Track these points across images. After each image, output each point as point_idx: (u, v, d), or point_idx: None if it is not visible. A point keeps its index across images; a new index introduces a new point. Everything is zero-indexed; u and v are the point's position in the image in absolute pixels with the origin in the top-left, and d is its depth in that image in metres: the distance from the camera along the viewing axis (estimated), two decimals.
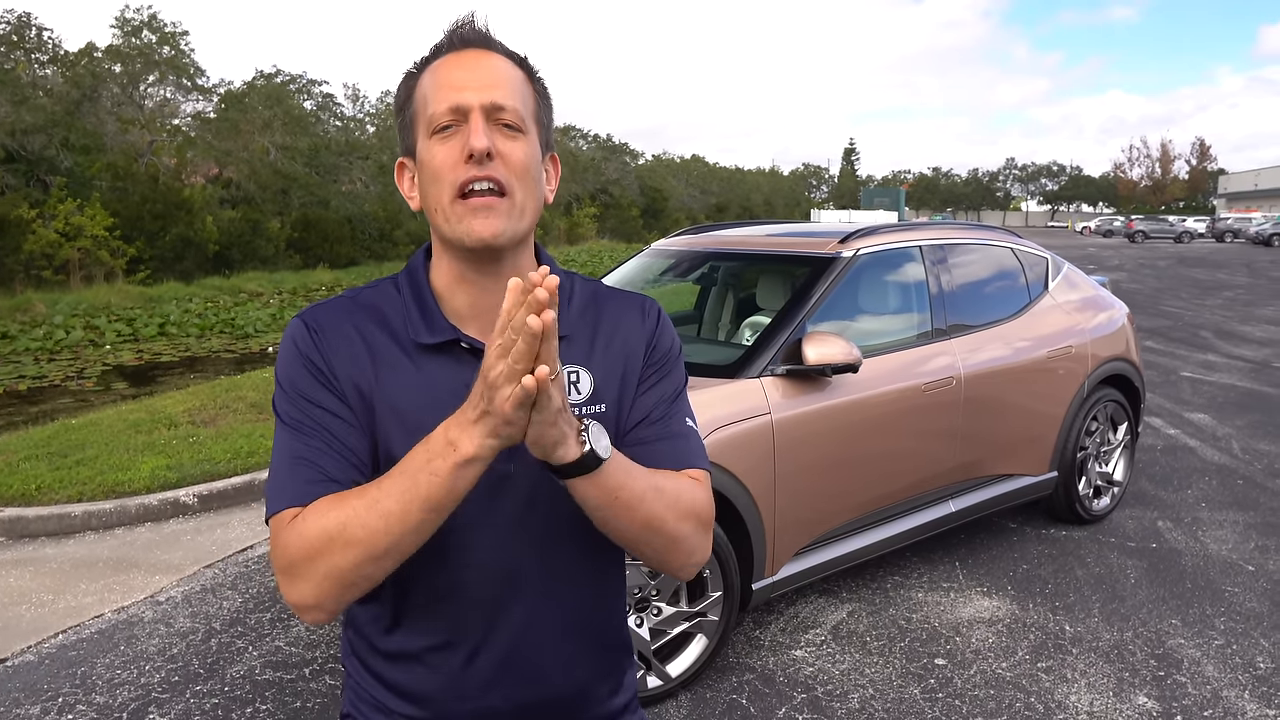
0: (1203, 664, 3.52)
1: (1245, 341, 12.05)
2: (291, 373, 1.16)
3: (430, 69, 1.16)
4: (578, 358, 1.22)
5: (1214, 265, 30.24)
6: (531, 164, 1.14)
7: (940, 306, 4.29)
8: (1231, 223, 56.19)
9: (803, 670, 3.51)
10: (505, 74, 1.15)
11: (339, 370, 1.16)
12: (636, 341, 1.26)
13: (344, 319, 1.19)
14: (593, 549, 1.24)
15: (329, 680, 3.44)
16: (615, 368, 1.24)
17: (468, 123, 1.11)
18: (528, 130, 1.15)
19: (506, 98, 1.12)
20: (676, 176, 69.68)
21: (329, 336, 1.17)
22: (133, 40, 28.99)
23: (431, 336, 1.17)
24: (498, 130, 1.12)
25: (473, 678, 1.20)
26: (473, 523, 1.16)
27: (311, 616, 1.08)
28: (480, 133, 1.09)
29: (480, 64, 1.14)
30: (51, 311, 17.92)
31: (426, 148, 1.13)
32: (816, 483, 3.64)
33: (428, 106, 1.14)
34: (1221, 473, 6.00)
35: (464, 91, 1.11)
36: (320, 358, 1.16)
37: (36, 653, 3.70)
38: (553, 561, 1.20)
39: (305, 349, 1.16)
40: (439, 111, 1.12)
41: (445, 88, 1.12)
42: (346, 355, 1.17)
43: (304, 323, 1.19)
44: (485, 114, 1.11)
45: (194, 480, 5.50)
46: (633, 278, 4.88)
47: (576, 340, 1.22)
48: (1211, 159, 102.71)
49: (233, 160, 30.16)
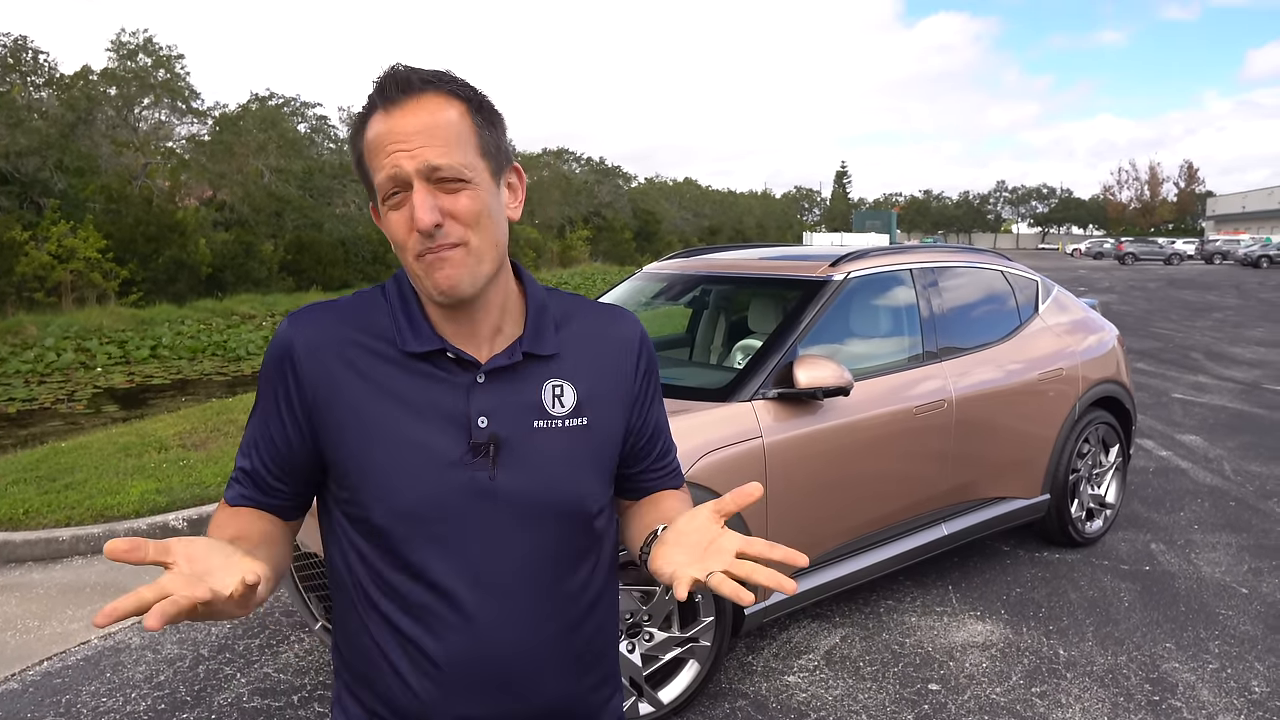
0: (1198, 688, 3.51)
1: (1235, 363, 12.10)
2: (264, 384, 1.23)
3: (369, 125, 1.14)
4: (561, 372, 1.24)
5: (1203, 287, 30.41)
6: (483, 208, 1.14)
7: (931, 329, 4.30)
8: (1220, 244, 56.68)
9: (796, 696, 3.48)
10: (437, 121, 1.11)
11: (307, 388, 1.19)
12: (623, 356, 1.31)
13: (331, 327, 1.21)
14: (583, 568, 1.25)
15: (317, 707, 3.40)
16: (599, 381, 1.27)
17: (411, 192, 1.11)
18: (472, 176, 1.13)
19: (441, 155, 1.10)
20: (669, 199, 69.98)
21: (311, 352, 1.19)
22: (128, 63, 29.09)
23: (419, 345, 1.19)
24: (441, 189, 1.11)
25: (454, 685, 1.19)
26: (459, 537, 1.17)
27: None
28: (423, 207, 1.09)
29: (408, 118, 1.11)
30: (43, 334, 17.87)
31: (384, 213, 1.15)
32: (808, 506, 3.63)
33: (374, 173, 1.14)
34: (1214, 494, 6.01)
35: (399, 158, 1.10)
36: (294, 379, 1.20)
37: (21, 680, 3.65)
38: (537, 567, 1.21)
39: (280, 370, 1.21)
40: (383, 182, 1.12)
41: (382, 154, 1.11)
42: (324, 370, 1.19)
43: (289, 340, 1.21)
44: (424, 178, 1.10)
45: (184, 504, 5.46)
46: (625, 301, 4.88)
47: (561, 355, 1.25)
48: (1199, 181, 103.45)
49: (226, 183, 30.20)
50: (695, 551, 1.06)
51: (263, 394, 1.23)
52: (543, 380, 1.22)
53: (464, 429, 1.17)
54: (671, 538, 1.11)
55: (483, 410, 1.18)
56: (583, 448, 1.23)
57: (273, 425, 1.22)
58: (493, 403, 1.18)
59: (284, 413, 1.21)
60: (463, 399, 1.18)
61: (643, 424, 1.33)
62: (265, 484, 1.24)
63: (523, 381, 1.21)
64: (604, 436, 1.26)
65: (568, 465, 1.22)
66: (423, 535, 1.16)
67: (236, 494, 1.25)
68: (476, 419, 1.17)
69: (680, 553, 1.07)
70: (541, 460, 1.20)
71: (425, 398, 1.18)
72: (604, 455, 1.26)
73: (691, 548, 1.07)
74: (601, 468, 1.26)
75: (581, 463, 1.23)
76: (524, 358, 1.21)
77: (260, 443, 1.23)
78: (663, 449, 1.39)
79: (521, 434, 1.19)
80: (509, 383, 1.20)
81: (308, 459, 1.22)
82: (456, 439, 1.17)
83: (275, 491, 1.25)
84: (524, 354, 1.21)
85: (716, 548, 1.05)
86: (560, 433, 1.22)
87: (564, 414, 1.22)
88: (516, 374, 1.21)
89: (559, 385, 1.23)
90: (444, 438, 1.17)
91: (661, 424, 1.38)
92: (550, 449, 1.21)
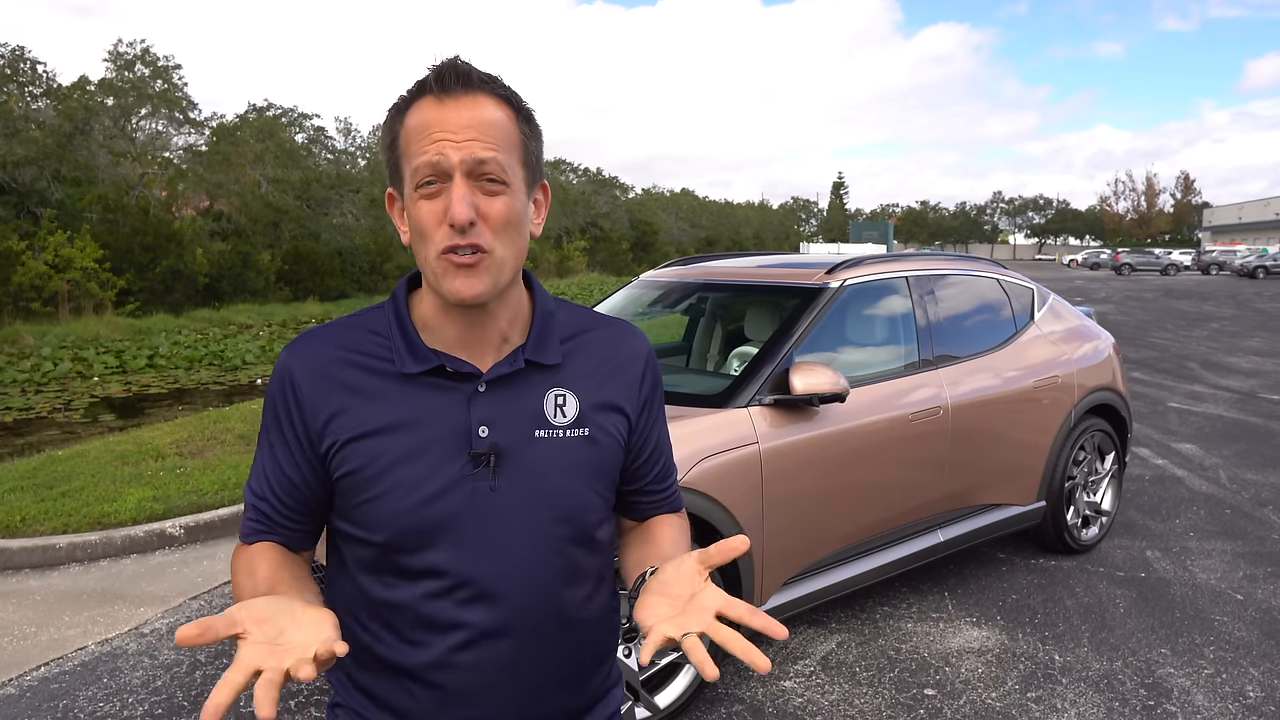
0: (1193, 693, 3.52)
1: (1231, 372, 12.13)
2: (269, 417, 1.24)
3: (414, 110, 1.13)
4: (565, 382, 1.24)
5: (1200, 297, 30.49)
6: (514, 216, 1.14)
7: (927, 337, 4.32)
8: (1217, 255, 56.76)
9: (792, 701, 3.49)
10: (488, 119, 1.12)
11: (310, 416, 1.20)
12: (629, 370, 1.30)
13: (328, 350, 1.21)
14: (583, 577, 1.25)
15: (314, 713, 3.41)
16: (604, 392, 1.26)
17: (451, 182, 1.10)
18: (511, 179, 1.13)
19: (488, 149, 1.10)
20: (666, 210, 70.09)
21: (310, 377, 1.20)
22: (126, 74, 29.18)
23: (416, 366, 1.18)
24: (479, 188, 1.11)
25: (454, 693, 1.20)
26: (460, 546, 1.17)
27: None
28: (461, 201, 1.08)
29: (462, 111, 1.11)
30: (40, 343, 17.86)
31: (412, 199, 1.13)
32: (804, 512, 3.64)
33: (411, 157, 1.12)
34: (1209, 502, 6.02)
35: (445, 146, 1.09)
36: (296, 405, 1.20)
37: (18, 685, 3.65)
38: (536, 576, 1.21)
39: (283, 398, 1.22)
40: (421, 166, 1.10)
41: (426, 140, 1.10)
42: (324, 393, 1.19)
43: (287, 368, 1.21)
44: (467, 171, 1.10)
45: (181, 512, 5.46)
46: (621, 309, 4.90)
47: (565, 365, 1.25)
48: (1196, 193, 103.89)
49: (224, 193, 30.26)
50: (677, 604, 1.05)
51: (268, 427, 1.24)
52: (545, 389, 1.22)
53: (464, 439, 1.17)
54: (656, 586, 1.09)
55: (483, 419, 1.18)
56: (584, 459, 1.23)
57: (280, 456, 1.22)
58: (493, 412, 1.18)
59: (290, 442, 1.21)
60: (463, 409, 1.18)
61: (644, 442, 1.33)
62: (281, 518, 1.24)
63: (524, 390, 1.21)
64: (606, 448, 1.25)
65: (569, 476, 1.21)
66: (424, 545, 1.17)
67: (253, 531, 1.25)
68: (477, 429, 1.17)
69: (664, 605, 1.06)
70: (542, 470, 1.20)
71: (426, 410, 1.17)
72: (605, 467, 1.26)
73: (674, 600, 1.06)
74: (603, 479, 1.26)
75: (583, 474, 1.23)
76: (526, 365, 1.21)
77: (270, 477, 1.23)
78: (662, 470, 1.38)
79: (522, 443, 1.19)
80: (510, 391, 1.20)
81: (319, 487, 1.22)
82: (458, 449, 1.17)
83: (291, 525, 1.25)
84: (526, 361, 1.21)
85: (697, 604, 1.03)
86: (562, 443, 1.21)
87: (566, 424, 1.22)
88: (518, 382, 1.21)
89: (561, 395, 1.23)
90: (445, 448, 1.17)
91: (663, 444, 1.38)
92: (551, 459, 1.20)
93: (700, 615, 1.01)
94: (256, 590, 1.13)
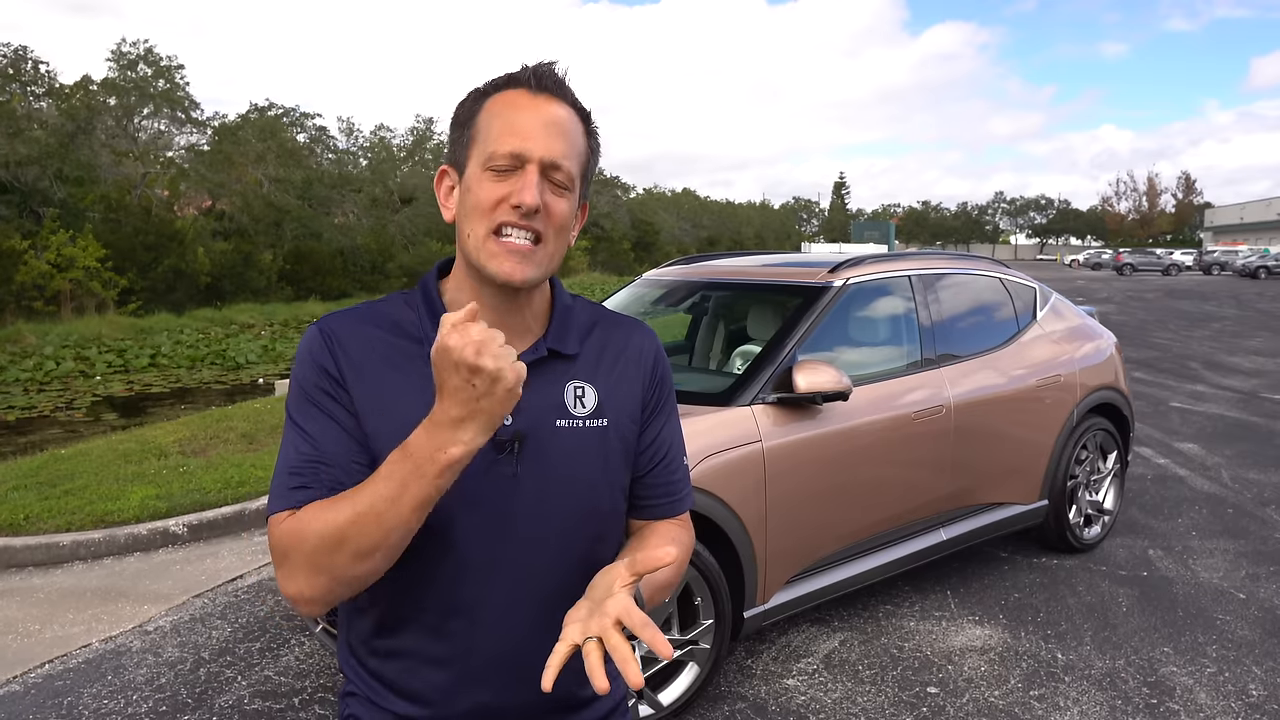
0: (1195, 691, 3.52)
1: (1233, 372, 12.13)
2: (304, 378, 1.20)
3: (501, 97, 1.18)
4: (583, 374, 1.27)
5: (1201, 297, 30.47)
6: (568, 219, 1.20)
7: (930, 336, 4.32)
8: (1218, 255, 56.73)
9: (795, 699, 3.49)
10: (569, 128, 1.18)
11: (349, 376, 1.19)
12: (641, 364, 1.33)
13: (360, 325, 1.23)
14: (596, 559, 1.26)
15: (318, 710, 3.41)
16: (619, 386, 1.29)
17: (523, 171, 1.15)
18: (573, 188, 1.19)
19: (565, 156, 1.16)
20: (668, 210, 70.05)
21: (344, 342, 1.20)
22: (128, 73, 29.20)
23: None
24: (547, 185, 1.16)
25: (467, 676, 1.22)
26: (472, 524, 1.18)
27: (306, 609, 1.12)
28: (533, 189, 1.13)
29: (549, 113, 1.17)
30: (42, 342, 17.88)
31: (477, 177, 1.16)
32: (807, 510, 3.64)
33: (488, 140, 1.16)
34: (1211, 501, 6.02)
35: (528, 141, 1.15)
36: (333, 364, 1.19)
37: (23, 683, 3.66)
38: (552, 564, 1.23)
39: (319, 357, 1.19)
40: (499, 151, 1.15)
41: (510, 129, 1.15)
42: (359, 360, 1.19)
43: (320, 331, 1.22)
44: (541, 169, 1.15)
45: (184, 510, 5.47)
46: (624, 307, 4.90)
47: (582, 357, 1.28)
48: (1197, 193, 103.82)
49: (225, 192, 30.29)
50: (595, 607, 1.05)
51: (303, 387, 1.19)
52: (565, 381, 1.25)
53: None
54: (589, 588, 1.11)
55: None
56: (603, 448, 1.25)
57: (330, 410, 1.17)
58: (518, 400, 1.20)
59: (334, 392, 1.17)
60: None
61: (655, 438, 1.34)
62: (331, 479, 1.15)
63: (546, 381, 1.23)
64: (621, 440, 1.28)
65: (588, 465, 1.24)
66: (442, 527, 1.17)
67: (301, 487, 1.14)
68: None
69: (584, 606, 1.07)
70: (563, 458, 1.22)
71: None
72: (622, 458, 1.28)
73: (594, 602, 1.06)
74: (619, 469, 1.28)
75: (601, 463, 1.25)
76: (548, 354, 1.24)
77: (318, 438, 1.16)
78: (670, 466, 1.36)
79: (545, 432, 1.21)
80: (533, 381, 1.20)
81: (358, 430, 1.17)
82: None
83: (342, 459, 1.16)
84: (548, 350, 1.24)
85: (602, 609, 1.03)
86: (582, 432, 1.24)
87: (585, 414, 1.24)
88: (540, 372, 1.23)
89: (580, 387, 1.25)
90: None
91: (671, 441, 1.36)
92: (572, 448, 1.23)
93: (600, 620, 1.02)
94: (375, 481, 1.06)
